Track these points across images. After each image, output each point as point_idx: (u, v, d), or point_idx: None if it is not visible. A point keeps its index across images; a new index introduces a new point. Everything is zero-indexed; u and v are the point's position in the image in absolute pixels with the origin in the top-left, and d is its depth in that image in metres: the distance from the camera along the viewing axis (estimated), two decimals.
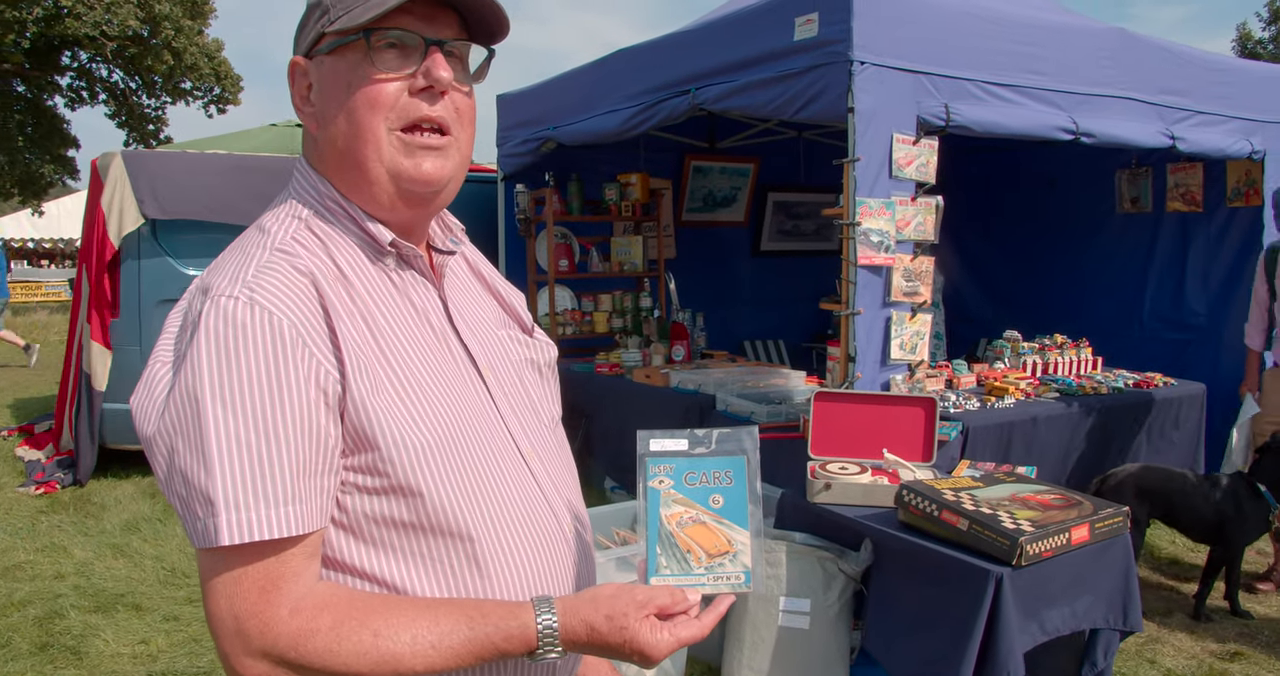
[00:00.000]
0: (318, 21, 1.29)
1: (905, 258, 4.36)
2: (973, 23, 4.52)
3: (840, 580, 3.53)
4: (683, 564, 1.31)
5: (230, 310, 1.14)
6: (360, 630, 1.15)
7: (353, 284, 1.27)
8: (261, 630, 1.13)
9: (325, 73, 1.30)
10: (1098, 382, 5.30)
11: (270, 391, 1.13)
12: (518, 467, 1.37)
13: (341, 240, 1.31)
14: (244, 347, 1.12)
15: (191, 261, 7.00)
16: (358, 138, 1.27)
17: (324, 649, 1.13)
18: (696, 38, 5.17)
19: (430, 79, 1.27)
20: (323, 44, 1.29)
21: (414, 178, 1.29)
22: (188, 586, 5.08)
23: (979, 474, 3.69)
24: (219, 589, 1.14)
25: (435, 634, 1.17)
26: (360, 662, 1.14)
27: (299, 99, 1.34)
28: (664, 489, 1.34)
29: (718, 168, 7.89)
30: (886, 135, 4.25)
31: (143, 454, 4.71)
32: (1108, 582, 3.23)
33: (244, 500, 1.11)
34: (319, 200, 1.33)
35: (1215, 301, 6.50)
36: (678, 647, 1.25)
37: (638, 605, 1.23)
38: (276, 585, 1.14)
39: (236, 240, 1.31)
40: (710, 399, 5.11)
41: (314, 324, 1.18)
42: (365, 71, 1.26)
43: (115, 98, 24.45)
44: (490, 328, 1.48)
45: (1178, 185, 6.64)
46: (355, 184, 1.31)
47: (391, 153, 1.27)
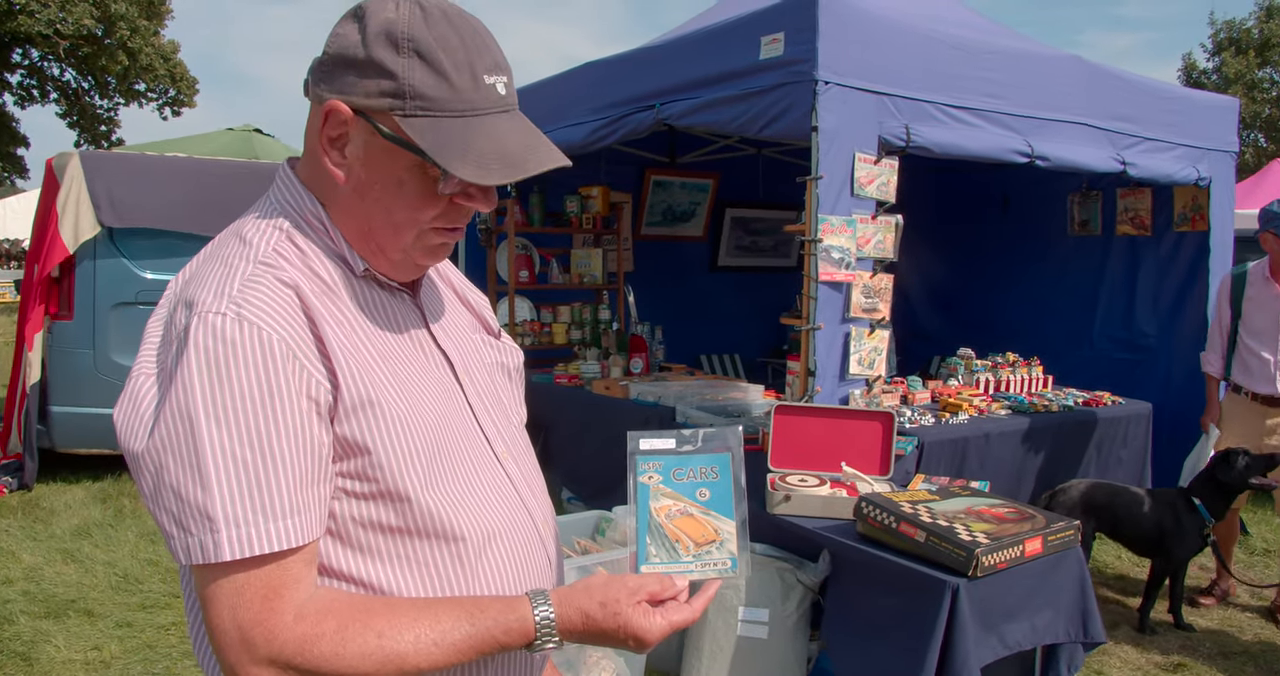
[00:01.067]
0: (385, 96, 1.22)
1: (865, 275, 4.44)
2: (935, 47, 4.62)
3: (799, 590, 3.58)
4: (671, 553, 1.37)
5: (219, 327, 1.14)
6: (365, 632, 1.17)
7: (335, 294, 1.29)
8: (267, 638, 1.14)
9: (376, 150, 1.25)
10: (1048, 400, 5.41)
11: (264, 407, 1.14)
12: (494, 469, 1.40)
13: (321, 255, 1.31)
14: (235, 364, 1.13)
15: (148, 264, 6.93)
16: (392, 231, 1.30)
17: (330, 653, 1.15)
18: (662, 53, 5.23)
19: (478, 205, 1.32)
20: (385, 124, 1.23)
21: (424, 264, 1.37)
22: (140, 592, 5.02)
23: (935, 487, 3.76)
24: (221, 600, 1.14)
25: (437, 632, 1.20)
26: (366, 664, 1.16)
27: (325, 141, 1.27)
28: (653, 484, 1.40)
29: (678, 182, 7.94)
30: (849, 154, 4.33)
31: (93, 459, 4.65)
32: (1065, 596, 3.31)
33: (244, 516, 1.12)
34: (301, 215, 1.32)
35: (1163, 322, 6.64)
36: (670, 631, 1.30)
37: (629, 591, 1.28)
38: (279, 593, 1.15)
39: (213, 247, 1.31)
40: (670, 411, 5.15)
41: (302, 335, 1.19)
42: (428, 185, 1.26)
43: (67, 97, 24.11)
44: (464, 333, 1.51)
45: (1127, 209, 6.78)
46: (364, 245, 1.32)
47: (413, 244, 1.31)
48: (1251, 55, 30.34)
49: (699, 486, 1.41)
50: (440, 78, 1.21)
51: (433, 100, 1.21)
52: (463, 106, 1.23)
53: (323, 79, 1.26)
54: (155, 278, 6.90)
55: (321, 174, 1.31)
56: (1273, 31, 30.33)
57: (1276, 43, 30.16)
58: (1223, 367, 5.21)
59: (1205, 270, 6.15)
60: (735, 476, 1.42)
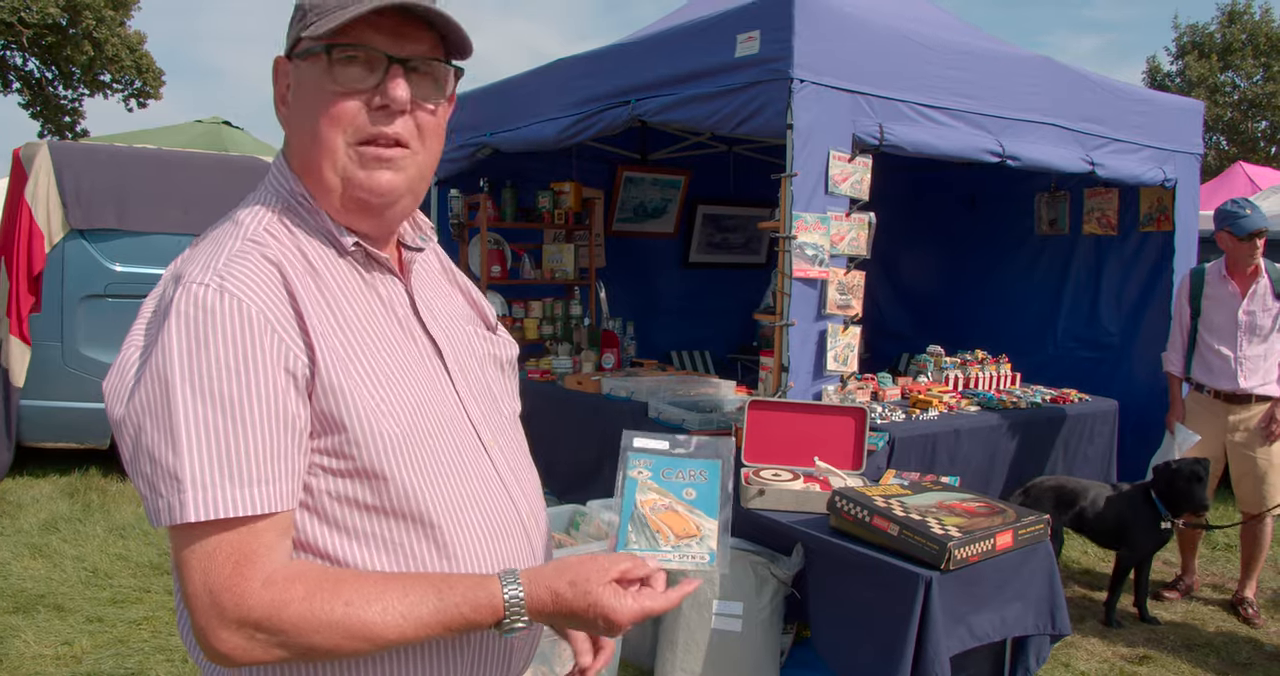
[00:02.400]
0: (297, 23, 1.32)
1: (839, 271, 4.48)
2: (908, 46, 4.67)
3: (772, 584, 3.62)
4: (651, 541, 1.39)
5: (201, 296, 1.17)
6: (332, 600, 1.17)
7: (321, 275, 1.31)
8: (236, 602, 1.14)
9: (300, 76, 1.33)
10: (1016, 397, 5.48)
11: (239, 375, 1.16)
12: (479, 456, 1.40)
13: (310, 234, 1.34)
14: (213, 332, 1.16)
15: (117, 256, 6.88)
16: (316, 147, 1.31)
17: (297, 617, 1.16)
18: (637, 50, 5.23)
19: (387, 98, 1.29)
20: (299, 48, 1.32)
21: (369, 188, 1.32)
22: (110, 587, 5.00)
23: (906, 483, 3.81)
24: (193, 563, 1.16)
25: (405, 604, 1.20)
26: (332, 631, 1.17)
27: (278, 98, 1.37)
28: (641, 479, 1.43)
29: (649, 179, 7.95)
30: (823, 152, 4.37)
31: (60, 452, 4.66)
32: (1034, 590, 3.36)
33: (212, 479, 1.14)
34: (290, 196, 1.36)
35: (1127, 321, 6.73)
36: (642, 616, 1.29)
37: (601, 570, 1.28)
38: (249, 559, 1.16)
39: (209, 231, 1.34)
40: (642, 406, 5.17)
41: (282, 310, 1.21)
42: (326, 84, 1.29)
43: (30, 87, 23.76)
44: (457, 322, 1.52)
45: (1094, 209, 6.86)
46: (316, 187, 1.35)
47: (346, 163, 1.31)
48: (1214, 59, 30.70)
49: (686, 486, 1.43)
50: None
51: (322, 6, 1.29)
52: (348, 1, 1.28)
53: None
54: (125, 270, 6.85)
55: (288, 139, 1.38)
56: (1234, 36, 30.70)
57: (1238, 47, 30.53)
58: (1184, 366, 5.29)
59: (1170, 270, 6.23)
60: (723, 482, 1.44)
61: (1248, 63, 30.47)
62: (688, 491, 1.43)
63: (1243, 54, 30.51)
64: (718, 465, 1.46)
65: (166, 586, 5.03)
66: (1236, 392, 5.05)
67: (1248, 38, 30.54)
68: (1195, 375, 5.23)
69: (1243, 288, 5.03)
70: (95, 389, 6.71)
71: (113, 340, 6.80)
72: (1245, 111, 30.78)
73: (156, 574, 5.22)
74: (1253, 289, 5.00)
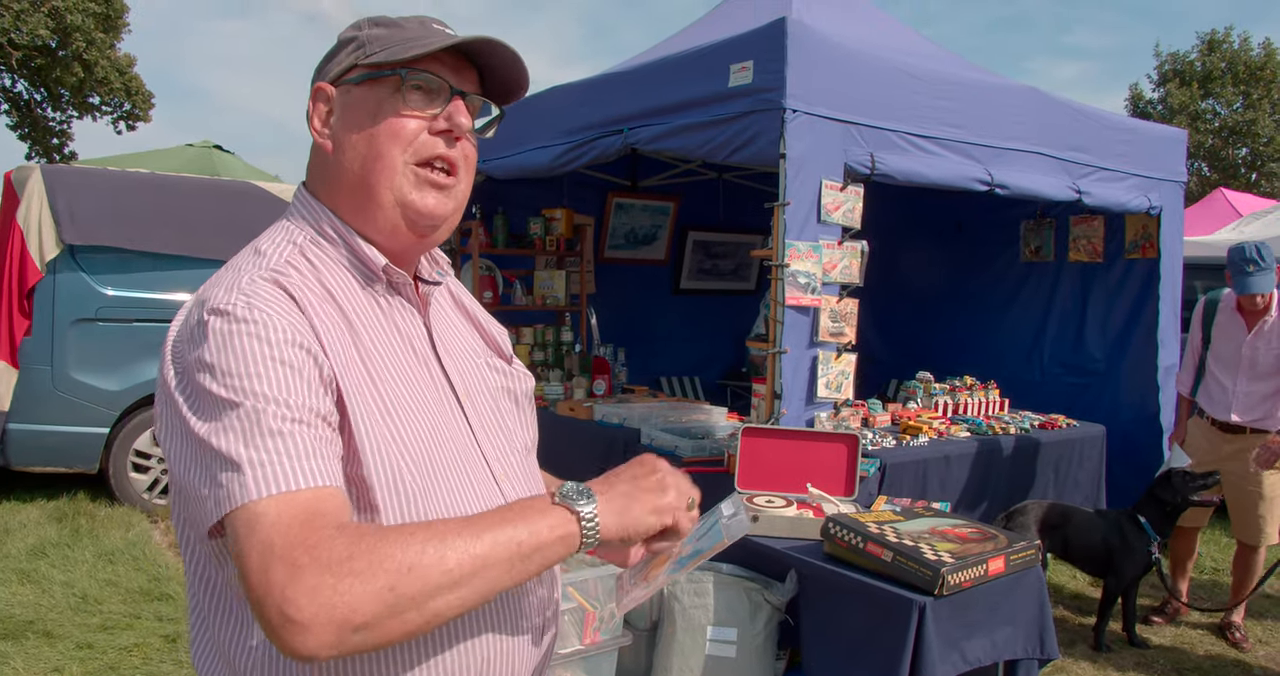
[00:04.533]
0: (351, 54, 1.40)
1: (832, 299, 4.52)
2: (898, 77, 4.74)
3: (766, 610, 3.64)
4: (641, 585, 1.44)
5: (232, 311, 1.20)
6: (408, 540, 1.11)
7: (341, 306, 1.34)
8: (312, 555, 1.05)
9: (351, 100, 1.39)
10: (1005, 423, 5.53)
11: (277, 371, 1.18)
12: (490, 489, 1.41)
13: (334, 265, 1.38)
14: (248, 338, 1.19)
15: (109, 280, 6.88)
16: (375, 162, 1.36)
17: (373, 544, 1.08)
18: (631, 79, 5.29)
19: (452, 123, 1.38)
20: (353, 74, 1.39)
21: (419, 209, 1.38)
22: (100, 614, 4.98)
23: (898, 508, 3.84)
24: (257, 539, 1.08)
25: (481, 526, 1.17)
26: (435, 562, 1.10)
27: (318, 121, 1.42)
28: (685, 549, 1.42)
29: (639, 205, 8.00)
30: (815, 181, 4.42)
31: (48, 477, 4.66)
32: (1024, 614, 3.39)
33: (267, 458, 1.12)
34: (316, 225, 1.40)
35: (1112, 348, 6.79)
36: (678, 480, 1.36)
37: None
38: (320, 514, 1.11)
39: (232, 260, 1.37)
40: (635, 432, 5.19)
41: (306, 330, 1.24)
42: (394, 105, 1.36)
43: (18, 109, 23.72)
44: (470, 356, 1.54)
45: (1080, 236, 6.94)
46: (362, 206, 1.39)
47: (402, 182, 1.37)
48: (1195, 87, 31.05)
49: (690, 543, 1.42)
50: (393, 27, 1.41)
51: (387, 38, 1.39)
52: (413, 36, 1.39)
53: (314, 80, 1.44)
54: (116, 294, 6.85)
55: (321, 163, 1.43)
56: (1214, 64, 31.07)
57: (1218, 75, 30.90)
58: (1192, 388, 5.36)
59: (1155, 297, 6.31)
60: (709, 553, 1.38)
61: (1227, 90, 30.83)
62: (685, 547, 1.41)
63: (1222, 82, 30.88)
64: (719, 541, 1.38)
65: (157, 612, 5.02)
66: (1229, 423, 5.10)
67: (1227, 66, 30.93)
68: (1199, 400, 5.30)
69: (1250, 322, 5.07)
70: (85, 413, 6.76)
71: (103, 364, 6.81)
72: (1226, 138, 31.10)
73: (146, 600, 5.20)
74: (1260, 325, 5.02)
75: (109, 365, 6.84)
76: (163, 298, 6.96)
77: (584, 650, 3.55)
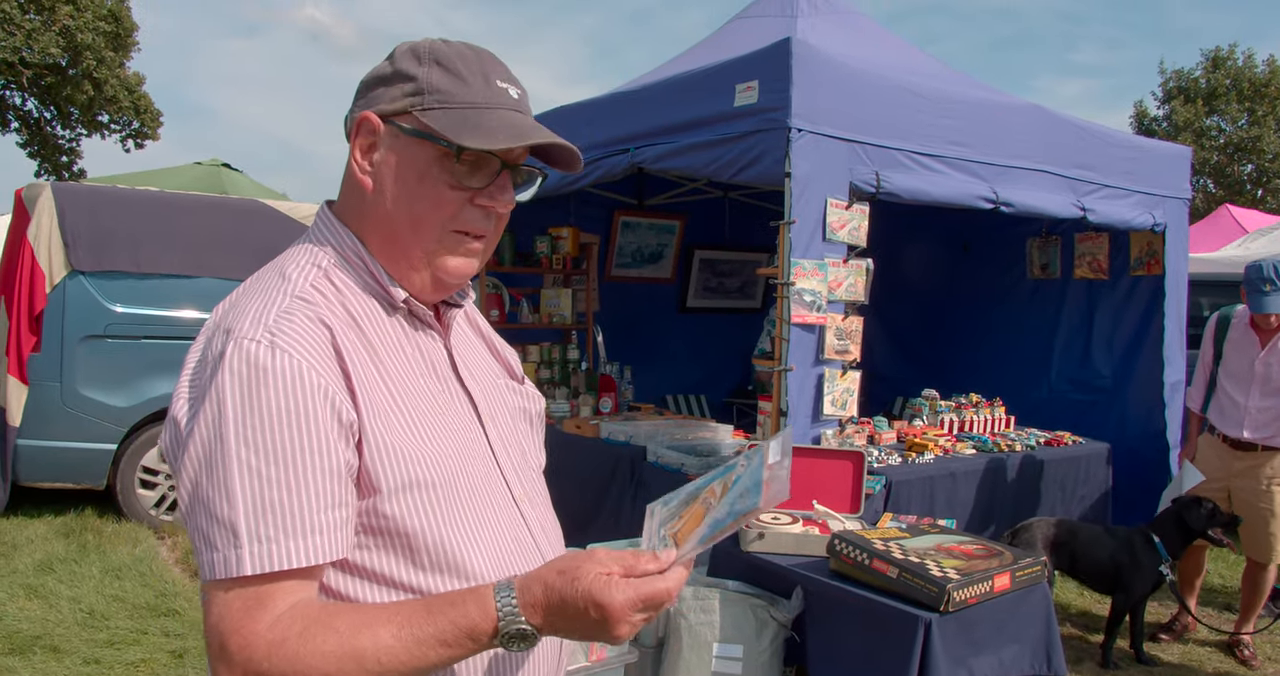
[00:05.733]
0: (408, 96, 1.35)
1: (837, 317, 4.54)
2: (903, 96, 4.77)
3: (772, 627, 3.64)
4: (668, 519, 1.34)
5: (253, 352, 1.20)
6: (326, 632, 1.16)
7: (365, 332, 1.34)
8: (241, 646, 1.15)
9: (399, 149, 1.36)
10: (1011, 440, 5.53)
11: (292, 427, 1.19)
12: (511, 511, 1.43)
13: (358, 290, 1.38)
14: (266, 387, 1.19)
15: (117, 297, 6.91)
16: (414, 229, 1.36)
17: (292, 653, 1.14)
18: (637, 98, 5.33)
19: (495, 201, 1.38)
20: (406, 122, 1.35)
21: (448, 271, 1.39)
22: (107, 629, 4.98)
23: (904, 525, 3.85)
24: (212, 608, 1.18)
25: (395, 625, 1.17)
26: (325, 662, 1.15)
27: (359, 152, 1.38)
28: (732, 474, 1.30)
29: (646, 223, 8.03)
30: (821, 200, 4.45)
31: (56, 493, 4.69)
32: (1031, 631, 3.39)
33: (267, 533, 1.16)
34: (340, 251, 1.40)
35: (1119, 364, 6.78)
36: (640, 604, 1.19)
37: (596, 561, 1.21)
38: (263, 604, 1.17)
39: (254, 281, 1.37)
40: (641, 450, 5.20)
41: (330, 367, 1.25)
42: (443, 176, 1.34)
43: (28, 126, 23.87)
44: (490, 376, 1.56)
45: (1085, 253, 6.95)
46: (393, 258, 1.39)
47: (436, 246, 1.37)
48: (1200, 104, 31.10)
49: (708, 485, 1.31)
50: (455, 77, 1.35)
51: (448, 94, 1.34)
52: (476, 99, 1.35)
53: (357, 101, 1.41)
54: (125, 311, 6.88)
55: (355, 196, 1.41)
56: (1219, 81, 31.12)
57: (1222, 92, 30.95)
58: (1203, 404, 5.35)
59: (1160, 313, 6.32)
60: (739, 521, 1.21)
61: (1232, 107, 30.87)
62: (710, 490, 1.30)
63: (1227, 98, 30.93)
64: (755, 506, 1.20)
65: (163, 628, 5.03)
66: (1240, 440, 5.09)
67: (1232, 83, 30.98)
68: (1210, 416, 5.28)
69: (1264, 338, 5.05)
70: (93, 429, 6.78)
71: (112, 380, 6.84)
72: (1231, 155, 31.14)
73: (153, 615, 5.21)
74: (1274, 341, 5.01)
75: (117, 382, 6.87)
76: (172, 314, 6.99)
77: (590, 667, 3.56)
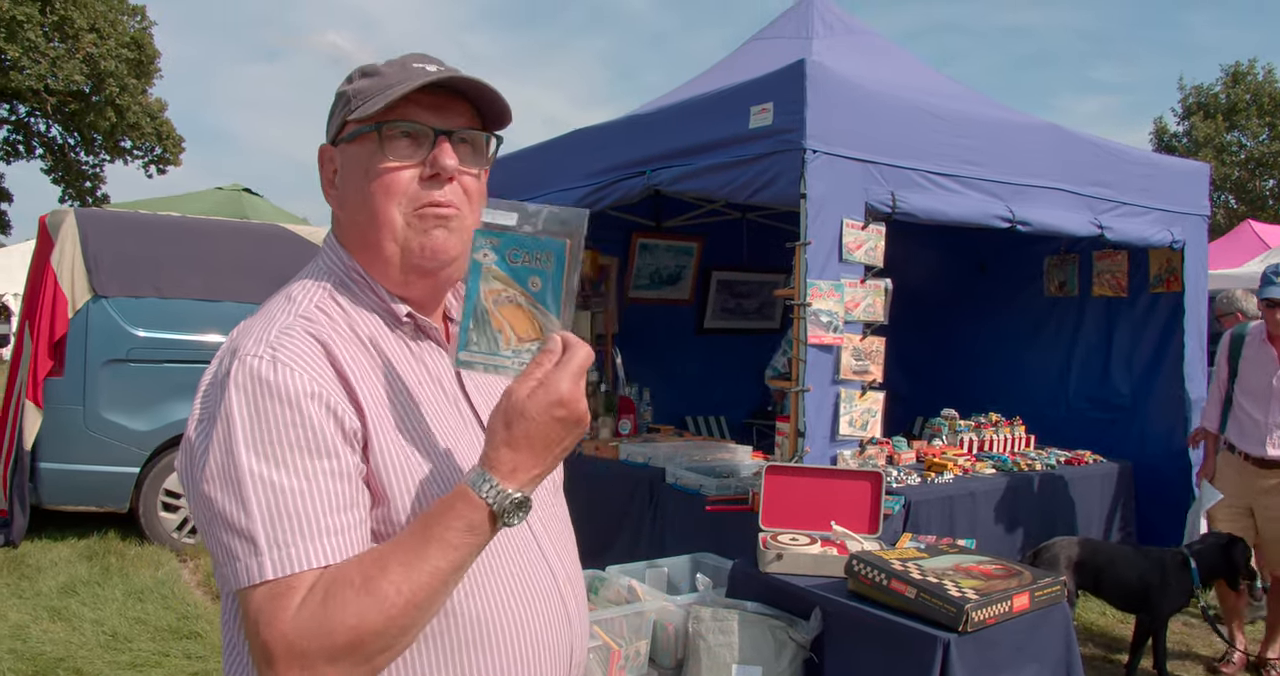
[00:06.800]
0: (342, 110, 1.43)
1: (855, 337, 4.54)
2: (918, 116, 4.78)
3: (791, 647, 3.63)
4: (492, 343, 1.30)
5: (255, 367, 1.24)
6: (343, 589, 1.18)
7: (369, 349, 1.38)
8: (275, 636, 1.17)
9: (347, 159, 1.43)
10: (1031, 459, 5.51)
11: (296, 436, 1.23)
12: (524, 535, 1.44)
13: (363, 309, 1.42)
14: (270, 399, 1.23)
15: (139, 321, 6.97)
16: (374, 221, 1.39)
17: (319, 623, 1.17)
18: (653, 121, 5.37)
19: (436, 167, 1.39)
20: (346, 132, 1.42)
21: (425, 249, 1.40)
22: (130, 651, 5.02)
23: (922, 545, 3.84)
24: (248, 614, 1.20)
25: (400, 554, 1.20)
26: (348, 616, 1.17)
27: (326, 183, 1.47)
28: (486, 263, 1.29)
29: (663, 245, 8.04)
30: (836, 220, 4.46)
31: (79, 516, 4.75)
32: (1051, 651, 3.37)
33: (284, 538, 1.19)
34: (344, 272, 1.44)
35: (1138, 382, 6.75)
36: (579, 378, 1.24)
37: (517, 393, 1.24)
38: (289, 593, 1.19)
39: (265, 305, 1.41)
40: (660, 471, 5.21)
41: (330, 379, 1.28)
42: (379, 160, 1.38)
43: (52, 153, 24.20)
44: (499, 391, 1.57)
45: (1103, 271, 6.92)
46: (373, 261, 1.42)
47: (404, 232, 1.39)
48: (1220, 119, 31.02)
49: (532, 273, 1.28)
50: (375, 76, 1.42)
51: (368, 91, 1.39)
52: (391, 85, 1.38)
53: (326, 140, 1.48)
54: (147, 335, 6.94)
55: (337, 222, 1.48)
56: (1239, 97, 31.05)
57: (1243, 108, 30.88)
58: (1219, 423, 5.28)
59: (1180, 330, 6.29)
60: (569, 270, 1.28)
61: (1253, 122, 30.78)
62: (533, 280, 1.28)
63: (1247, 114, 30.85)
64: (563, 247, 1.27)
65: (186, 651, 5.05)
66: (1265, 458, 5.02)
67: (1252, 98, 30.91)
68: (1229, 435, 5.21)
69: None
70: (115, 452, 6.83)
71: (134, 404, 6.90)
72: (1253, 170, 31.03)
73: (175, 638, 5.24)
74: None
75: (140, 405, 6.92)
76: (193, 338, 7.05)
77: None
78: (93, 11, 21.58)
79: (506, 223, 1.28)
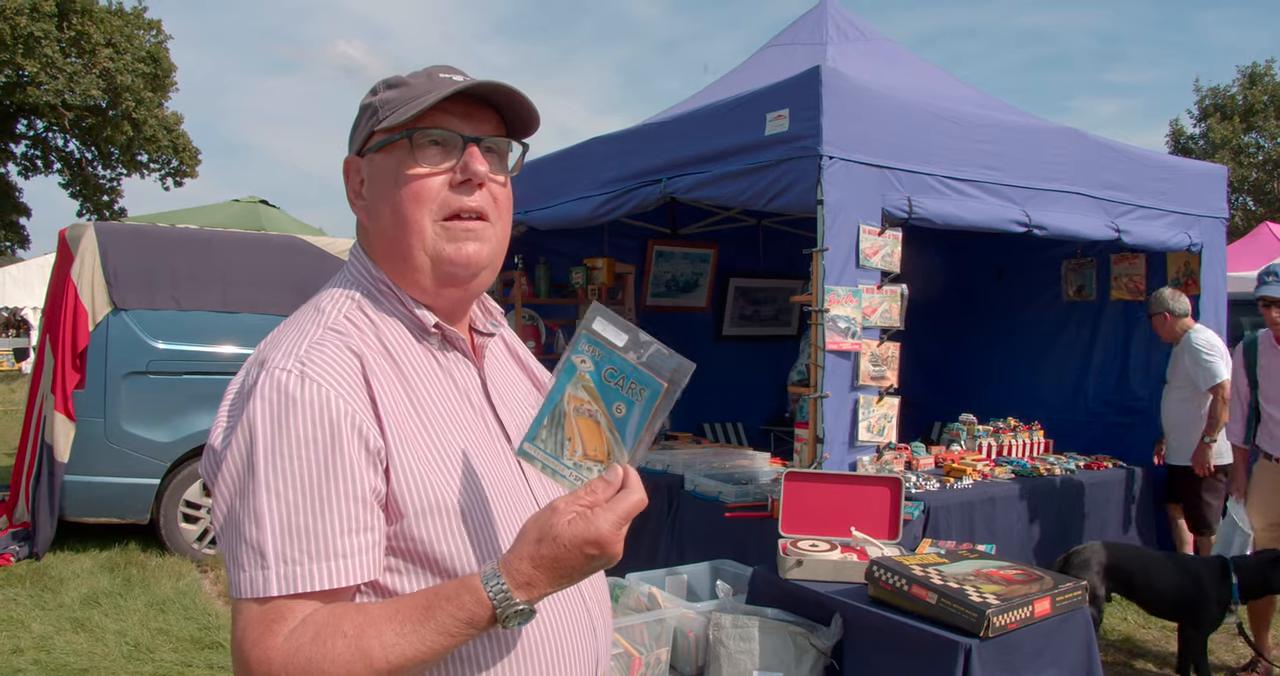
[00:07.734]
0: (368, 121, 1.43)
1: (872, 343, 4.54)
2: (934, 121, 4.78)
3: (811, 654, 3.63)
4: (558, 447, 1.29)
5: (283, 381, 1.25)
6: (334, 635, 1.20)
7: (398, 362, 1.38)
8: (260, 659, 1.20)
9: (375, 169, 1.43)
10: (1050, 464, 5.49)
11: (319, 454, 1.23)
12: None
13: (391, 320, 1.42)
14: (295, 416, 1.24)
15: (160, 334, 7.01)
16: (404, 228, 1.39)
17: (305, 660, 1.18)
18: (669, 129, 5.38)
19: (467, 173, 1.39)
20: (373, 142, 1.42)
21: (454, 260, 1.40)
22: (153, 662, 5.03)
23: (942, 551, 3.83)
24: (238, 624, 1.23)
25: (397, 623, 1.21)
26: (336, 666, 1.18)
27: (352, 193, 1.47)
28: (582, 369, 1.29)
29: (680, 252, 8.06)
30: (853, 226, 4.46)
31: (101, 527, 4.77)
32: (1072, 656, 3.36)
33: (293, 555, 1.21)
34: (372, 283, 1.44)
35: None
36: (623, 522, 1.22)
37: (561, 512, 1.22)
38: (283, 618, 1.21)
39: (293, 316, 1.42)
40: (679, 478, 5.21)
41: (359, 396, 1.28)
42: (409, 167, 1.39)
43: (70, 167, 24.37)
44: (525, 405, 1.57)
45: (1121, 275, 6.90)
46: (401, 271, 1.42)
47: (434, 240, 1.39)
48: (1237, 121, 30.88)
49: (620, 399, 1.27)
50: (402, 87, 1.42)
51: (396, 101, 1.40)
52: (419, 93, 1.39)
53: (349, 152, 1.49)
54: (167, 347, 6.98)
55: (364, 232, 1.48)
56: (1255, 98, 30.91)
57: (1260, 109, 30.73)
58: (1244, 435, 5.19)
59: None
60: (656, 413, 1.26)
61: (1270, 124, 30.63)
62: (618, 405, 1.27)
63: (1265, 115, 30.69)
64: (660, 389, 1.25)
65: (208, 661, 5.07)
66: None
67: (1269, 99, 30.74)
68: (1261, 444, 5.11)
69: None
70: (137, 464, 6.86)
71: (154, 416, 6.93)
72: (1270, 171, 30.86)
73: (197, 648, 5.26)
74: None
75: (160, 417, 6.96)
76: (212, 350, 7.09)
77: None
78: (109, 26, 21.78)
79: (614, 340, 1.27)
